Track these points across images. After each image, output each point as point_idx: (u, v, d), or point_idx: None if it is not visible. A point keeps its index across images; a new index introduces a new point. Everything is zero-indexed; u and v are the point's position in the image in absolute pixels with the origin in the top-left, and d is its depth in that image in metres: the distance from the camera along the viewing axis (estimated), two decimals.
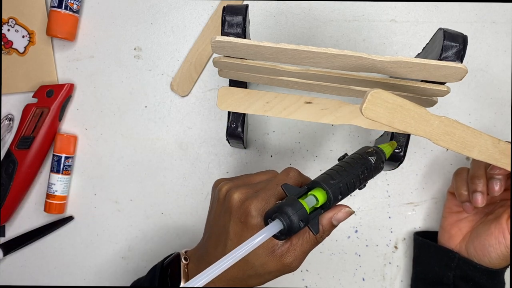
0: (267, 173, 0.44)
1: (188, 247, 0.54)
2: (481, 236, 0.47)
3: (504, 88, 0.56)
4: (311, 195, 0.35)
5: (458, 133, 0.37)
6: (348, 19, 0.57)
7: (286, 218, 0.33)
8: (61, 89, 0.56)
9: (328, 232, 0.38)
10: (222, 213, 0.40)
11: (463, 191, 0.48)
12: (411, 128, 0.36)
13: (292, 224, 0.33)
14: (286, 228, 0.33)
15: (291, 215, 0.33)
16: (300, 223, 0.33)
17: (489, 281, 0.47)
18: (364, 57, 0.36)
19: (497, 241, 0.46)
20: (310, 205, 0.35)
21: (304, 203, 0.34)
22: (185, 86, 0.57)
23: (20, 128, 0.56)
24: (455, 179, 0.50)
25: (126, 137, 0.58)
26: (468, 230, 0.50)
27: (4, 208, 0.56)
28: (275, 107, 0.46)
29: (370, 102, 0.34)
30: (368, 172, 0.39)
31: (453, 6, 0.56)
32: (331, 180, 0.36)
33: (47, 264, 0.58)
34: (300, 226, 0.34)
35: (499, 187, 0.44)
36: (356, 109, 0.46)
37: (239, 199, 0.38)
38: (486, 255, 0.47)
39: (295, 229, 0.33)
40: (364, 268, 0.57)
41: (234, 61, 0.40)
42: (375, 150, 0.41)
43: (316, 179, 0.36)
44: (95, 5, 0.58)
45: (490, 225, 0.47)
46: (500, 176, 0.44)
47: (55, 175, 0.56)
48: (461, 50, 0.38)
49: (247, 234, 0.37)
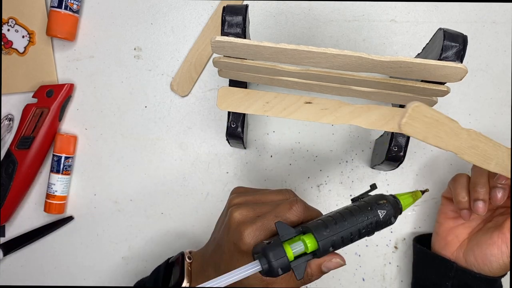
0: (281, 193, 0.41)
1: (188, 247, 0.54)
2: (482, 245, 0.46)
3: (504, 88, 0.56)
4: (300, 241, 0.34)
5: (481, 146, 0.35)
6: (348, 19, 0.57)
7: (265, 263, 0.33)
8: (61, 89, 0.56)
9: (316, 277, 0.38)
10: (223, 225, 0.40)
11: (461, 198, 0.47)
12: (442, 143, 0.34)
13: (271, 269, 0.33)
14: (264, 272, 0.33)
15: (272, 261, 0.33)
16: (279, 270, 0.33)
17: None
18: (364, 57, 0.36)
19: (500, 251, 0.45)
20: (297, 250, 0.34)
21: (289, 250, 0.33)
22: (185, 86, 0.57)
23: (20, 128, 0.56)
24: (453, 186, 0.48)
25: (126, 137, 0.58)
26: (465, 237, 0.49)
27: (4, 208, 0.56)
28: (275, 107, 0.46)
29: (411, 117, 0.31)
30: (372, 227, 0.35)
31: (453, 6, 0.56)
32: (324, 230, 0.34)
33: (47, 264, 0.58)
34: (279, 273, 0.33)
35: (502, 196, 0.44)
36: (356, 109, 0.46)
37: (237, 220, 0.38)
38: (487, 264, 0.46)
39: (273, 274, 0.33)
40: (364, 268, 0.57)
41: (234, 61, 0.40)
42: (389, 202, 0.36)
43: (310, 225, 0.34)
44: (95, 5, 0.58)
45: (491, 234, 0.45)
46: (506, 185, 0.44)
47: (55, 175, 0.56)
48: (461, 50, 0.38)
49: (237, 256, 0.37)
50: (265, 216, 0.38)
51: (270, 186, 0.57)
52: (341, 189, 0.57)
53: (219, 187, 0.58)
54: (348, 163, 0.57)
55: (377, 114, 0.45)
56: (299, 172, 0.57)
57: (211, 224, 0.59)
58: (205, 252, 0.43)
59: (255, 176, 0.57)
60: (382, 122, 0.46)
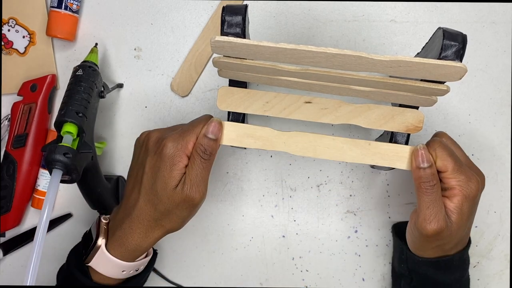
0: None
1: (188, 247, 0.54)
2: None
3: (504, 88, 0.56)
4: (64, 133, 0.44)
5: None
6: (348, 19, 0.57)
7: (59, 165, 0.41)
8: (44, 82, 0.56)
9: (210, 147, 0.42)
10: (140, 155, 0.45)
11: None
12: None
13: (67, 166, 0.42)
14: (65, 171, 0.42)
15: (61, 159, 0.41)
16: (67, 156, 0.42)
17: (436, 272, 0.46)
18: (363, 56, 0.36)
19: (410, 230, 0.45)
20: (70, 140, 0.44)
21: (65, 144, 0.43)
22: (185, 86, 0.57)
23: (12, 128, 0.56)
24: None
25: (126, 137, 0.58)
26: None
27: (14, 209, 0.55)
28: (274, 107, 0.46)
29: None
30: (86, 81, 0.47)
31: (453, 6, 0.56)
32: (62, 111, 0.45)
33: (47, 263, 0.58)
34: (69, 160, 0.42)
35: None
36: (356, 108, 0.46)
37: (156, 137, 0.44)
38: (411, 245, 0.47)
39: (70, 168, 0.42)
40: (364, 268, 0.57)
41: (234, 61, 0.40)
42: (79, 64, 0.49)
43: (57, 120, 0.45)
44: (95, 5, 0.58)
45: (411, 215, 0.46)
46: None
47: (44, 170, 0.56)
48: (460, 49, 0.38)
49: (160, 163, 0.42)
50: (182, 128, 0.43)
51: (270, 186, 0.57)
52: (341, 189, 0.57)
53: (219, 187, 0.58)
54: (348, 164, 0.57)
55: (377, 114, 0.46)
56: (299, 172, 0.57)
57: (211, 224, 0.59)
58: (122, 202, 0.46)
59: (255, 176, 0.57)
60: (381, 122, 0.46)
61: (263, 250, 0.57)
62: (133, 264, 0.45)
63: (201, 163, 0.42)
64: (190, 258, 0.58)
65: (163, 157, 0.42)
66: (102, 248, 0.44)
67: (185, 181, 0.41)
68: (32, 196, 0.57)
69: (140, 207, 0.43)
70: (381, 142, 0.44)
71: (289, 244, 0.57)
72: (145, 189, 0.43)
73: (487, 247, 0.56)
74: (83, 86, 0.47)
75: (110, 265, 0.44)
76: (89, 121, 0.47)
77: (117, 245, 0.44)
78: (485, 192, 0.56)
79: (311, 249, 0.57)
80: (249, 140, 0.45)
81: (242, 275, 0.57)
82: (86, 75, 0.48)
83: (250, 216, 0.57)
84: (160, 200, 0.42)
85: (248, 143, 0.45)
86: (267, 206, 0.57)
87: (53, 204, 0.43)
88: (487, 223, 0.56)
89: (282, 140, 0.45)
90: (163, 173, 0.41)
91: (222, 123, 0.43)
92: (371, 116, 0.46)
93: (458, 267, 0.47)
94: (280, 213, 0.57)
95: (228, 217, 0.58)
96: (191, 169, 0.42)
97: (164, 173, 0.41)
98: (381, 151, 0.44)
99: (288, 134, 0.45)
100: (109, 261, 0.44)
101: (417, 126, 0.45)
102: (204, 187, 0.42)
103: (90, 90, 0.48)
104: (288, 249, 0.57)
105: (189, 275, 0.58)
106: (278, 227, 0.57)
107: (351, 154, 0.44)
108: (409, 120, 0.45)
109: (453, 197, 0.41)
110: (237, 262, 0.57)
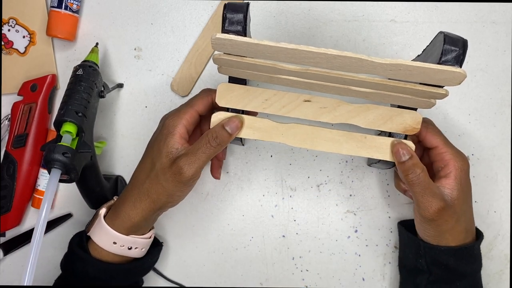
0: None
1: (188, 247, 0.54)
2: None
3: (504, 88, 0.56)
4: (64, 133, 0.44)
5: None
6: (348, 19, 0.57)
7: (58, 164, 0.42)
8: (44, 81, 0.56)
9: (221, 137, 0.44)
10: (155, 134, 0.48)
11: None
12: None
13: (66, 166, 0.42)
14: (64, 170, 0.42)
15: (60, 159, 0.42)
16: (66, 156, 0.42)
17: (457, 262, 0.46)
18: (364, 59, 0.36)
19: (418, 219, 0.47)
20: (69, 139, 0.44)
21: (64, 143, 0.43)
22: (185, 86, 0.57)
23: (12, 128, 0.56)
24: None
25: (126, 137, 0.58)
26: None
27: (14, 209, 0.55)
28: (274, 105, 0.46)
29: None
30: (86, 81, 0.48)
31: (453, 6, 0.56)
32: (62, 111, 0.45)
33: (47, 263, 0.58)
34: (67, 159, 0.42)
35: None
36: (355, 108, 0.46)
37: (165, 117, 0.47)
38: (422, 236, 0.48)
39: (69, 167, 0.42)
40: (364, 268, 0.57)
41: (234, 58, 0.40)
42: (80, 64, 0.50)
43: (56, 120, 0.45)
44: (95, 5, 0.58)
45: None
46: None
47: (44, 170, 0.56)
48: (460, 55, 0.38)
49: (159, 131, 0.46)
50: (181, 106, 0.47)
51: (270, 186, 0.57)
52: (341, 189, 0.57)
53: (219, 187, 0.58)
54: (348, 163, 0.57)
55: (375, 114, 0.46)
56: (299, 172, 0.57)
57: (212, 224, 0.59)
58: (131, 180, 0.49)
59: (255, 176, 0.57)
60: (380, 122, 0.46)
61: (263, 250, 0.57)
62: (125, 238, 0.46)
63: (206, 148, 0.44)
64: (190, 258, 0.58)
65: (162, 126, 0.46)
66: (100, 216, 0.47)
67: (183, 153, 0.44)
68: (32, 196, 0.57)
69: (136, 172, 0.47)
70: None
71: (289, 244, 0.57)
72: (145, 152, 0.48)
73: (487, 247, 0.56)
74: (83, 85, 0.48)
75: (103, 232, 0.46)
76: (88, 121, 0.47)
77: (112, 214, 0.47)
78: (485, 192, 0.56)
79: (311, 249, 0.57)
80: (247, 131, 0.46)
81: (242, 275, 0.57)
82: (86, 75, 0.49)
83: (250, 216, 0.57)
84: (155, 157, 0.45)
85: (246, 133, 0.46)
86: (267, 206, 0.57)
87: (52, 203, 0.44)
88: (487, 223, 0.56)
89: (280, 132, 0.46)
90: (159, 137, 0.46)
91: (243, 124, 0.46)
92: (370, 116, 0.46)
93: (477, 256, 0.48)
94: (280, 213, 0.57)
95: (228, 217, 0.58)
96: (194, 147, 0.44)
97: (160, 137, 0.46)
98: (377, 145, 0.45)
99: (286, 126, 0.46)
100: (102, 228, 0.46)
101: (414, 127, 0.45)
102: (195, 168, 0.43)
103: (90, 90, 0.48)
104: (288, 249, 0.57)
105: (189, 275, 0.58)
106: (278, 227, 0.57)
107: (347, 146, 0.45)
108: (407, 121, 0.45)
109: (450, 173, 0.45)
110: (237, 262, 0.57)
